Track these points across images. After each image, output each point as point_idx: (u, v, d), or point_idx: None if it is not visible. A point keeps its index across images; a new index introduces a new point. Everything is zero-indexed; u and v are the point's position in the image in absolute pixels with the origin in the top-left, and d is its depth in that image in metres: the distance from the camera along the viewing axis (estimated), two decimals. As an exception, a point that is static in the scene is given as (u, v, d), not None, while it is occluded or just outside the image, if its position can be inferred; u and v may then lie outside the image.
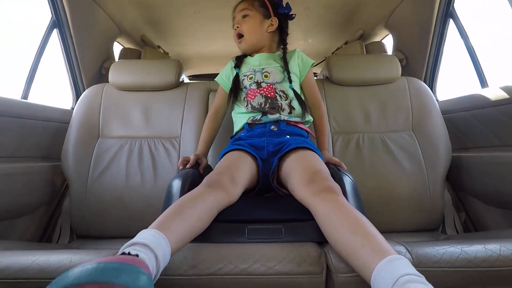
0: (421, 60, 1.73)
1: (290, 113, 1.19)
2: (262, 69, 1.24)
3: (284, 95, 1.20)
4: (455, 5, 1.53)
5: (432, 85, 1.72)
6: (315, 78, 1.50)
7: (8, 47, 1.83)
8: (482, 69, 1.44)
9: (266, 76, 1.23)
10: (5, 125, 1.24)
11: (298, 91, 1.25)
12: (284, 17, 1.32)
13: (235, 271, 0.68)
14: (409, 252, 0.71)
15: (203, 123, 1.46)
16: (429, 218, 1.37)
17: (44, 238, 1.42)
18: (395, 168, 1.39)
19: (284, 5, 1.31)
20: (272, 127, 1.16)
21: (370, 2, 1.83)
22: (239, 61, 1.33)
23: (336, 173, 0.97)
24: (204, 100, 1.54)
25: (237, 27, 1.28)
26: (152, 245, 0.59)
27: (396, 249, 0.71)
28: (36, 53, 1.48)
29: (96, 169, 1.40)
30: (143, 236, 0.62)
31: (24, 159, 1.33)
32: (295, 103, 1.21)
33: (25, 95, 1.44)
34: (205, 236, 0.79)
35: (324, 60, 2.58)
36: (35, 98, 1.47)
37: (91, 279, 0.48)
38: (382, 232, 0.68)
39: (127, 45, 2.18)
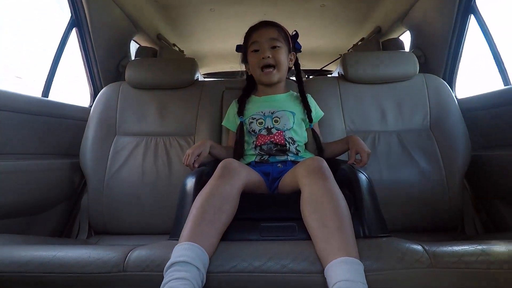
0: (440, 57, 1.68)
1: (296, 154, 1.20)
2: (272, 113, 1.23)
3: (292, 141, 1.20)
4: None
5: (451, 82, 1.67)
6: (330, 76, 1.49)
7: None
8: (505, 67, 1.39)
9: (276, 121, 1.21)
10: (27, 122, 1.28)
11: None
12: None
13: (249, 269, 0.68)
14: (426, 252, 0.69)
15: (217, 121, 1.47)
16: (448, 218, 1.33)
17: (64, 233, 1.45)
18: (412, 167, 1.36)
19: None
20: (279, 165, 1.17)
21: (388, -2, 1.79)
22: (242, 105, 1.28)
23: (350, 171, 0.95)
24: (218, 98, 1.54)
25: (268, 56, 1.19)
26: (191, 260, 0.64)
27: (412, 248, 0.70)
28: (56, 52, 1.51)
29: (113, 166, 1.43)
30: (181, 253, 0.65)
31: (45, 156, 1.37)
32: (301, 148, 1.23)
33: (46, 93, 1.48)
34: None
35: (339, 58, 2.54)
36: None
37: None
38: (399, 231, 0.67)
39: (144, 44, 2.21)
